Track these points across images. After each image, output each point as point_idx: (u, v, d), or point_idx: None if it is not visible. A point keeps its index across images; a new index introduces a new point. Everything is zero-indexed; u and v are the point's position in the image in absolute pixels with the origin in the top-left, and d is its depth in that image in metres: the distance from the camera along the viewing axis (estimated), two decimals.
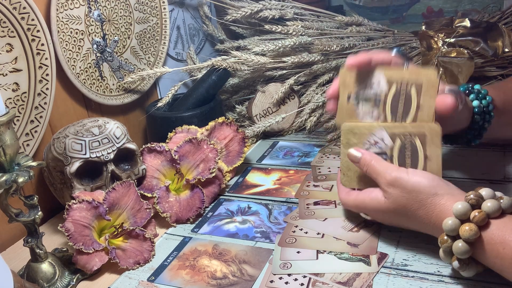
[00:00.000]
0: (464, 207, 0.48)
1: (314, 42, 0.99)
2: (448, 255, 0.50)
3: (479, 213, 0.47)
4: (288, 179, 0.80)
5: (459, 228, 0.48)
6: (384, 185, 0.55)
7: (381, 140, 0.60)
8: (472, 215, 0.48)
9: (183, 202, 0.71)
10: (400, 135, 0.59)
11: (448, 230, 0.49)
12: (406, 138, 0.58)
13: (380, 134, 0.60)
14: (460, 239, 0.48)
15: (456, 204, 0.49)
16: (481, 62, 1.05)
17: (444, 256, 0.51)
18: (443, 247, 0.50)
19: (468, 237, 0.47)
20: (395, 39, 1.10)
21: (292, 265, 0.57)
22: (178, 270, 0.60)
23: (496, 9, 1.16)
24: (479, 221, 0.47)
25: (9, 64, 0.68)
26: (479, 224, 0.47)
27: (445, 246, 0.49)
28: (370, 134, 0.60)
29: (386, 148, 0.59)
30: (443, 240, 0.49)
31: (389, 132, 0.59)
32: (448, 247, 0.49)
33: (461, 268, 0.49)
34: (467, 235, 0.47)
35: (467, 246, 0.48)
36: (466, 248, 0.48)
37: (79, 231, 0.59)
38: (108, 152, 0.66)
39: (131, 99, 0.92)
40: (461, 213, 0.48)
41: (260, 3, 1.04)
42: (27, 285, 0.52)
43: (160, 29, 0.97)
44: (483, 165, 0.73)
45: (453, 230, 0.48)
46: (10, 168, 0.52)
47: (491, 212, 0.47)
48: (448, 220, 0.49)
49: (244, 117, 1.00)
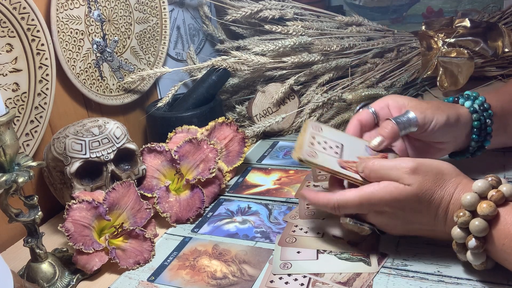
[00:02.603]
0: (484, 184, 0.50)
1: (314, 42, 0.99)
2: (464, 233, 0.50)
3: (497, 192, 0.49)
4: (288, 179, 0.80)
5: (477, 204, 0.49)
6: (403, 174, 0.52)
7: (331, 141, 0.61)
8: (490, 194, 0.49)
9: (183, 202, 0.71)
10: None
11: (467, 205, 0.49)
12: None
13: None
14: (478, 217, 0.48)
15: (477, 182, 0.50)
16: (481, 62, 1.05)
17: (459, 234, 0.50)
18: (460, 222, 0.49)
19: (487, 213, 0.48)
20: (395, 39, 1.10)
21: (292, 265, 0.57)
22: (178, 270, 0.60)
23: (496, 9, 1.16)
24: (497, 199, 0.48)
25: (9, 64, 0.68)
26: (497, 202, 0.48)
27: (462, 220, 0.49)
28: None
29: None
30: (460, 215, 0.49)
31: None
32: (465, 222, 0.49)
33: (476, 249, 0.49)
34: (486, 211, 0.48)
35: (485, 223, 0.48)
36: (484, 225, 0.48)
37: (79, 231, 0.59)
38: (108, 152, 0.66)
39: (131, 99, 0.92)
40: (482, 190, 0.49)
41: (260, 3, 1.04)
42: (27, 285, 0.52)
43: (160, 29, 0.97)
44: (483, 165, 0.73)
45: (472, 205, 0.49)
46: (10, 168, 0.52)
47: (508, 195, 0.49)
48: (467, 195, 0.49)
49: (244, 117, 1.00)
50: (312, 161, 0.57)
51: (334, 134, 0.62)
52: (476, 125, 0.64)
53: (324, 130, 0.62)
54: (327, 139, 0.61)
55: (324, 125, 0.63)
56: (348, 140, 0.62)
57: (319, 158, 0.57)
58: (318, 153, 0.58)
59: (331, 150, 0.60)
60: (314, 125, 0.63)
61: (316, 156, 0.58)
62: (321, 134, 0.61)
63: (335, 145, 0.60)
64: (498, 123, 0.66)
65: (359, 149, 0.61)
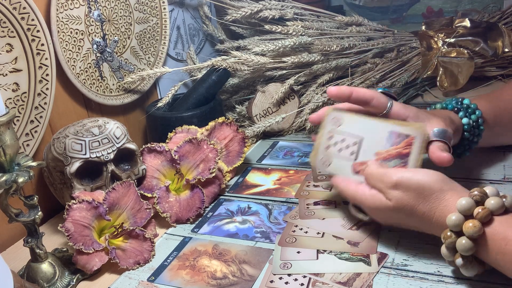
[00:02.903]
0: (468, 203, 0.48)
1: (314, 42, 0.99)
2: (451, 252, 0.50)
3: (483, 210, 0.47)
4: (288, 179, 0.80)
5: (463, 224, 0.48)
6: (386, 189, 0.54)
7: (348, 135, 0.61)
8: (475, 211, 0.48)
9: (183, 202, 0.71)
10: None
11: (452, 225, 0.48)
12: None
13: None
14: (464, 236, 0.48)
15: (460, 200, 0.49)
16: (481, 62, 1.05)
17: (447, 253, 0.50)
18: (447, 243, 0.49)
19: (472, 233, 0.47)
20: (395, 39, 1.10)
21: (292, 265, 0.57)
22: (178, 270, 0.60)
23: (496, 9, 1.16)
24: (482, 217, 0.47)
25: (9, 64, 0.68)
26: (483, 220, 0.47)
27: (448, 242, 0.49)
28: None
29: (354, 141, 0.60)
30: (447, 236, 0.49)
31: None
32: (452, 243, 0.49)
33: (464, 266, 0.49)
34: (471, 232, 0.47)
35: (471, 243, 0.48)
36: (470, 245, 0.47)
37: (79, 231, 0.59)
38: (108, 152, 0.66)
39: (131, 99, 0.92)
40: (465, 209, 0.48)
41: (260, 3, 1.04)
42: (27, 285, 0.52)
43: (160, 29, 0.97)
44: (483, 165, 0.73)
45: (456, 225, 0.48)
46: (10, 168, 0.52)
47: (495, 209, 0.48)
48: (451, 216, 0.49)
49: (244, 117, 1.00)
50: (325, 172, 0.61)
51: (355, 124, 0.60)
52: (467, 135, 0.66)
53: (345, 120, 0.61)
54: (346, 135, 0.60)
55: (345, 114, 0.61)
56: (370, 128, 0.60)
57: (332, 166, 0.61)
58: (333, 159, 0.60)
59: (347, 151, 0.60)
60: (334, 117, 0.61)
61: (330, 163, 0.60)
62: (340, 129, 0.60)
63: (353, 141, 0.60)
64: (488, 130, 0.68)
65: (380, 140, 0.59)
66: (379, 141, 0.59)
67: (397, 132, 0.58)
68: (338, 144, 0.61)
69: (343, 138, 0.60)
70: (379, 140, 0.59)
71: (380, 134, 0.59)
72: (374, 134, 0.59)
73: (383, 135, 0.59)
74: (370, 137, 0.60)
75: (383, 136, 0.59)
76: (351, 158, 0.60)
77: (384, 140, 0.59)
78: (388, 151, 0.58)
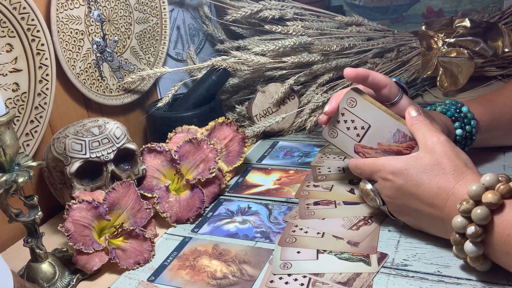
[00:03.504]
0: (492, 178, 0.50)
1: (314, 42, 0.99)
2: (464, 221, 0.49)
3: (505, 185, 0.49)
4: (288, 179, 0.80)
5: (482, 194, 0.49)
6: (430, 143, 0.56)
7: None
8: (497, 186, 0.49)
9: (183, 202, 0.71)
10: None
11: (472, 194, 0.49)
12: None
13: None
14: (481, 205, 0.48)
15: (485, 176, 0.50)
16: (481, 62, 1.05)
17: (460, 222, 0.50)
18: (462, 208, 0.49)
19: (491, 201, 0.48)
20: (395, 39, 1.10)
21: (292, 265, 0.57)
22: (178, 270, 0.60)
23: (496, 9, 1.16)
24: (504, 191, 0.48)
25: (9, 64, 0.68)
26: (504, 194, 0.48)
27: (464, 207, 0.49)
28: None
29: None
30: (463, 203, 0.49)
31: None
32: (468, 210, 0.49)
33: (475, 236, 0.48)
34: (491, 200, 0.48)
35: (487, 210, 0.48)
36: (486, 213, 0.48)
37: (79, 231, 0.59)
38: (108, 152, 0.66)
39: (131, 99, 0.92)
40: (490, 183, 0.49)
41: (260, 3, 1.04)
42: (27, 285, 0.52)
43: (160, 29, 0.97)
44: (483, 165, 0.73)
45: (476, 195, 0.49)
46: (10, 168, 0.52)
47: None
48: (472, 186, 0.49)
49: (244, 117, 1.00)
50: (330, 141, 0.66)
51: (368, 111, 0.62)
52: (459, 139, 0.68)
53: (359, 103, 0.63)
54: (356, 118, 0.63)
55: (361, 97, 0.63)
56: (379, 119, 0.62)
57: (337, 139, 0.65)
58: (339, 133, 0.65)
59: (354, 132, 0.64)
60: (349, 97, 0.63)
61: (336, 136, 0.65)
62: (352, 110, 0.63)
63: (361, 125, 0.63)
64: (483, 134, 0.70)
65: (385, 133, 0.61)
66: (385, 134, 0.62)
67: (403, 132, 0.60)
68: (348, 123, 0.64)
69: (354, 119, 0.63)
70: (385, 133, 0.62)
71: (388, 128, 0.62)
72: (383, 126, 0.62)
73: (390, 130, 0.61)
74: (378, 127, 0.62)
75: (390, 130, 0.61)
76: (356, 139, 0.64)
77: (390, 134, 0.61)
78: (390, 145, 0.62)
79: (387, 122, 0.61)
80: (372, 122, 0.62)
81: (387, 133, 0.62)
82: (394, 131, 0.61)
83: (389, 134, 0.61)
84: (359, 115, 0.63)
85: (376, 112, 0.62)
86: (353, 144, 0.64)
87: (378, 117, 0.62)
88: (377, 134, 0.62)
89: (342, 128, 0.64)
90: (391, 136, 0.61)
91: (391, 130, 0.61)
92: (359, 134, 0.63)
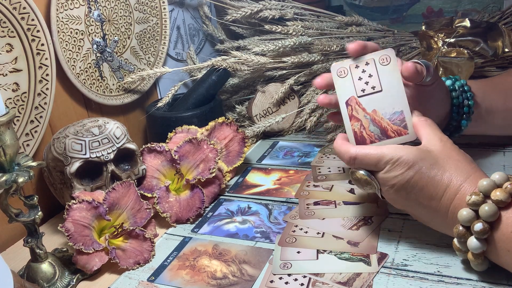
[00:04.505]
0: (502, 176, 0.50)
1: (314, 42, 0.99)
2: (472, 214, 0.50)
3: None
4: (288, 179, 0.80)
5: (492, 190, 0.49)
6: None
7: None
8: (505, 185, 0.49)
9: (183, 202, 0.71)
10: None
11: (482, 189, 0.50)
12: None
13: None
14: (489, 203, 0.49)
15: (495, 174, 0.50)
16: (481, 62, 1.05)
17: (467, 215, 0.50)
18: (472, 200, 0.49)
19: (501, 199, 0.48)
20: (395, 39, 1.10)
21: (292, 265, 0.57)
22: (178, 270, 0.60)
23: (496, 9, 1.16)
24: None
25: (9, 64, 0.68)
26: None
27: (474, 199, 0.49)
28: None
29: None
30: (473, 196, 0.49)
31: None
32: (477, 202, 0.49)
33: (481, 233, 0.48)
34: (501, 197, 0.48)
35: (496, 208, 0.48)
36: (494, 210, 0.48)
37: (79, 231, 0.59)
38: (108, 152, 0.66)
39: (131, 99, 0.92)
40: (500, 181, 0.50)
41: (260, 3, 1.04)
42: (27, 285, 0.52)
43: (160, 29, 0.97)
44: (483, 165, 0.73)
45: (486, 190, 0.49)
46: (10, 168, 0.52)
47: None
48: (483, 181, 0.50)
49: (244, 117, 1.00)
50: (333, 77, 0.60)
51: (391, 76, 0.59)
52: (455, 102, 0.68)
53: (390, 65, 0.59)
54: (375, 75, 0.59)
55: (393, 63, 0.60)
56: (394, 92, 0.59)
57: (341, 81, 0.60)
58: (348, 77, 0.60)
59: (362, 85, 0.60)
60: (386, 54, 0.60)
61: (343, 77, 0.60)
62: (379, 67, 0.59)
63: (373, 85, 0.59)
64: (479, 108, 0.70)
65: (388, 106, 0.59)
66: (387, 107, 0.59)
67: (404, 117, 0.58)
68: (364, 73, 0.60)
69: (373, 74, 0.60)
70: (388, 106, 0.59)
71: (394, 104, 0.59)
72: (391, 99, 0.59)
73: (395, 107, 0.59)
74: (387, 97, 0.59)
75: (394, 107, 0.59)
76: (358, 93, 0.60)
77: (392, 111, 0.59)
78: (383, 119, 0.58)
79: (399, 98, 0.58)
80: (386, 89, 0.59)
81: (389, 108, 0.59)
82: (398, 110, 0.58)
83: (391, 109, 0.58)
84: (381, 75, 0.59)
85: (397, 83, 0.59)
86: (351, 95, 0.59)
87: (395, 89, 0.59)
88: (380, 102, 0.59)
89: (355, 74, 0.60)
90: (391, 113, 0.58)
91: (395, 107, 0.58)
92: (364, 90, 0.59)
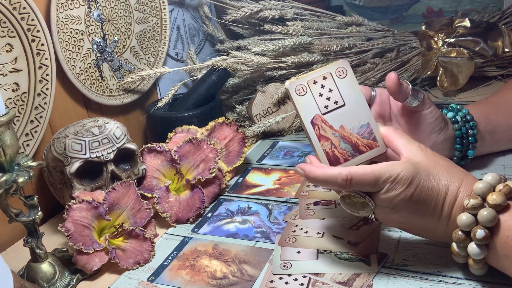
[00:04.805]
0: (494, 177, 0.50)
1: (314, 42, 0.99)
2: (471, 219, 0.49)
3: (505, 186, 0.49)
4: (288, 179, 0.80)
5: (488, 193, 0.49)
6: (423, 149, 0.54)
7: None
8: (498, 188, 0.49)
9: (183, 202, 0.71)
10: None
11: (479, 192, 0.49)
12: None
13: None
14: (487, 207, 0.49)
15: (487, 175, 0.50)
16: (481, 62, 1.05)
17: (467, 220, 0.49)
18: (471, 204, 0.49)
19: (499, 202, 0.48)
20: (395, 39, 1.10)
21: (292, 265, 0.57)
22: (178, 270, 0.60)
23: (496, 9, 1.16)
24: (507, 192, 0.49)
25: (9, 64, 0.68)
26: (507, 195, 0.49)
27: (473, 203, 0.49)
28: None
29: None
30: (471, 200, 0.49)
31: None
32: (476, 206, 0.49)
33: (483, 240, 0.48)
34: (498, 201, 0.48)
35: (494, 212, 0.48)
36: (493, 215, 0.48)
37: (79, 231, 0.59)
38: (108, 152, 0.66)
39: (131, 99, 0.92)
40: (493, 182, 0.50)
41: (260, 3, 1.04)
42: (27, 285, 0.52)
43: (160, 29, 0.97)
44: (483, 165, 0.73)
45: (483, 192, 0.49)
46: (10, 168, 0.52)
47: None
48: (479, 183, 0.50)
49: (244, 117, 1.00)
50: (291, 95, 0.56)
51: (350, 89, 0.57)
52: (458, 134, 0.68)
53: (348, 78, 0.57)
54: (336, 90, 0.57)
55: (350, 75, 0.57)
56: (357, 104, 0.57)
57: (301, 98, 0.56)
58: (308, 94, 0.56)
59: (324, 101, 0.56)
60: (342, 67, 0.58)
61: (302, 95, 0.56)
62: (337, 80, 0.57)
63: (335, 100, 0.56)
64: (484, 132, 0.70)
65: (354, 120, 0.56)
66: (354, 121, 0.57)
67: (372, 129, 0.57)
68: (324, 89, 0.57)
69: (333, 89, 0.57)
70: (354, 120, 0.57)
71: (360, 116, 0.57)
72: (356, 112, 0.57)
73: (361, 120, 0.57)
74: (351, 111, 0.57)
75: (360, 120, 0.57)
76: (322, 110, 0.56)
77: (358, 124, 0.57)
78: (352, 134, 0.56)
79: (363, 111, 0.57)
80: (349, 103, 0.57)
81: (355, 122, 0.56)
82: (364, 123, 0.56)
83: (357, 123, 0.56)
84: (341, 88, 0.57)
85: (358, 95, 0.57)
86: (315, 113, 0.56)
87: (357, 101, 0.57)
88: (346, 117, 0.56)
89: (315, 91, 0.56)
90: (358, 126, 0.56)
91: (361, 120, 0.56)
92: (328, 107, 0.56)
